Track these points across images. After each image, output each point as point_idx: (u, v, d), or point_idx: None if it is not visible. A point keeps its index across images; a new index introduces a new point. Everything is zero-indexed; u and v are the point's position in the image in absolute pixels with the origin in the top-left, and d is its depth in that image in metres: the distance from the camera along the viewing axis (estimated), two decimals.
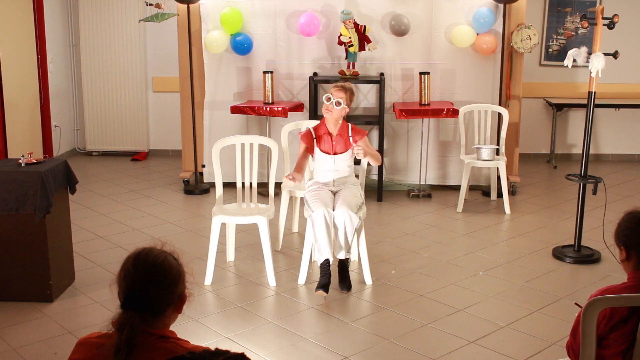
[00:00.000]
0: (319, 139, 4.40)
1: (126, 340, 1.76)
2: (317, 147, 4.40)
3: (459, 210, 6.03)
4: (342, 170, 4.41)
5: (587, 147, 4.79)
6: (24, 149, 6.15)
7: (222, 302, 4.14)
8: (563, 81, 8.03)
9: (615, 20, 4.50)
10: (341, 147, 4.38)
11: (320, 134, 4.41)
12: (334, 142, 4.38)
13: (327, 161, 4.39)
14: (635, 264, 2.35)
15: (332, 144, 4.38)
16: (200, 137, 6.85)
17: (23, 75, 6.88)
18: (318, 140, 4.40)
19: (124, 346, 1.76)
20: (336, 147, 4.38)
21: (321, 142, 4.40)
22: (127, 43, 8.16)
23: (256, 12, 6.57)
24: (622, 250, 2.38)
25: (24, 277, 4.03)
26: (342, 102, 4.31)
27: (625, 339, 2.26)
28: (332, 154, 4.38)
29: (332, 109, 4.32)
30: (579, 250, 4.88)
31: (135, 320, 1.80)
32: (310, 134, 4.42)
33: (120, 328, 1.78)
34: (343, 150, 4.38)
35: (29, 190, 3.89)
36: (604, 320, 2.25)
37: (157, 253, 1.91)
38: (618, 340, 2.26)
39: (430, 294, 4.23)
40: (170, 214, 5.97)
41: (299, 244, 5.06)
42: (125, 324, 1.78)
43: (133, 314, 1.81)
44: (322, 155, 4.40)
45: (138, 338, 1.79)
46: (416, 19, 6.43)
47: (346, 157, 4.40)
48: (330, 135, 4.39)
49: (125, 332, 1.77)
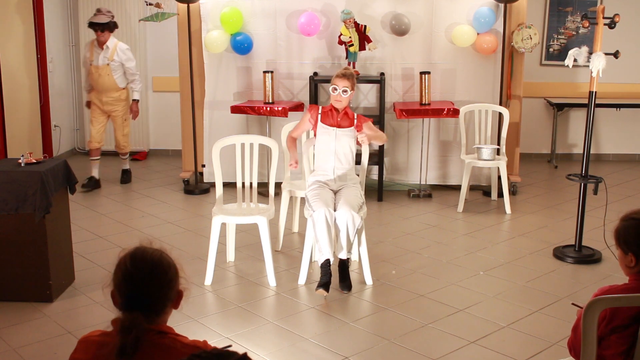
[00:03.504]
0: (324, 114, 4.49)
1: (133, 342, 1.76)
2: (322, 122, 4.47)
3: (459, 210, 6.02)
4: (343, 152, 4.42)
5: (588, 147, 4.78)
6: (23, 148, 6.14)
7: (222, 302, 4.14)
8: (564, 81, 8.02)
9: (616, 20, 4.49)
10: (345, 123, 4.47)
11: (326, 110, 4.51)
12: (339, 118, 4.47)
13: (329, 133, 4.43)
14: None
15: (337, 121, 4.47)
16: (200, 137, 6.84)
17: (23, 75, 6.87)
18: (323, 116, 4.49)
19: (130, 348, 1.76)
20: (341, 122, 4.47)
21: (326, 118, 4.48)
22: (127, 43, 8.10)
23: (256, 11, 6.56)
24: (631, 256, 2.32)
25: (24, 277, 4.02)
26: (348, 89, 4.41)
27: (626, 341, 2.25)
28: (336, 126, 4.43)
29: (341, 98, 4.43)
30: (580, 250, 4.87)
31: (141, 321, 1.80)
32: (316, 108, 4.53)
33: (126, 330, 1.77)
34: (347, 125, 4.46)
35: (29, 190, 3.89)
36: (604, 321, 2.24)
37: (153, 251, 1.91)
38: (619, 342, 2.26)
39: (430, 294, 4.22)
40: (170, 214, 5.97)
41: (299, 244, 5.05)
42: (132, 326, 1.78)
43: (138, 314, 1.81)
44: (324, 128, 4.43)
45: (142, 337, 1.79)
46: (417, 19, 6.42)
47: (349, 134, 4.43)
48: (337, 112, 4.49)
49: (132, 334, 1.76)
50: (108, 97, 6.64)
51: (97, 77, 6.54)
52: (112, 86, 6.60)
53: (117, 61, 6.52)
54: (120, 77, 6.62)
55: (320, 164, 4.47)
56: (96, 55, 6.53)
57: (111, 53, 6.51)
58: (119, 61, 6.53)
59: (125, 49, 6.60)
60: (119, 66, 6.56)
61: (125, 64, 6.58)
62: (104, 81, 6.55)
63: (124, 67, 6.59)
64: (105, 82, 6.56)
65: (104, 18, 6.42)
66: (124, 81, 6.68)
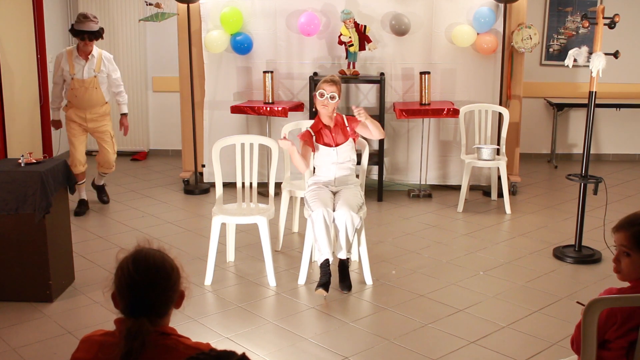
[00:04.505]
0: (318, 135, 4.45)
1: (139, 347, 1.76)
2: (318, 142, 4.44)
3: (459, 210, 6.02)
4: (345, 163, 4.44)
5: (588, 147, 4.78)
6: (23, 148, 6.13)
7: (222, 302, 4.14)
8: (564, 81, 8.02)
9: (616, 20, 4.49)
10: (341, 138, 4.45)
11: (318, 130, 4.46)
12: (333, 133, 4.44)
13: (329, 154, 4.43)
14: None
15: (332, 136, 4.44)
16: (200, 137, 6.84)
17: (23, 75, 6.87)
18: (318, 137, 4.45)
19: (135, 352, 1.76)
20: (337, 138, 4.44)
21: (321, 137, 4.45)
22: (127, 43, 8.15)
23: (256, 11, 6.56)
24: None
25: (24, 277, 4.02)
26: (336, 95, 4.39)
27: (627, 342, 2.24)
28: (335, 146, 4.42)
29: (328, 104, 4.40)
30: (580, 250, 4.87)
31: (147, 328, 1.80)
32: (309, 133, 4.45)
33: (133, 336, 1.77)
34: (344, 140, 4.45)
35: (29, 190, 3.89)
36: (615, 326, 2.21)
37: (155, 254, 1.90)
38: (620, 343, 2.25)
39: (430, 294, 4.22)
40: (170, 214, 5.97)
41: (299, 244, 5.05)
42: (138, 333, 1.78)
43: (145, 321, 1.81)
44: (324, 149, 4.43)
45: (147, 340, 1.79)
46: (416, 19, 6.42)
47: (348, 147, 4.44)
48: (329, 128, 4.44)
49: (138, 341, 1.76)
50: (93, 114, 5.85)
51: (83, 92, 5.73)
52: (99, 100, 5.84)
53: (104, 72, 5.83)
54: (107, 89, 5.94)
55: (322, 173, 4.48)
56: (79, 67, 5.73)
57: (97, 64, 5.78)
58: (105, 72, 5.85)
59: (110, 58, 5.95)
60: (105, 78, 5.86)
61: (112, 74, 5.90)
62: (91, 96, 5.77)
63: (109, 79, 5.91)
64: (92, 97, 5.79)
65: (94, 25, 5.68)
66: (109, 94, 6.01)
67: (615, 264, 2.37)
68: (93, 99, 5.80)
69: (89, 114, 5.84)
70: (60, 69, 5.76)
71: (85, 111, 5.82)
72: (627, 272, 2.33)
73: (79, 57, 5.74)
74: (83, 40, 5.65)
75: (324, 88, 4.41)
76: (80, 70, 5.73)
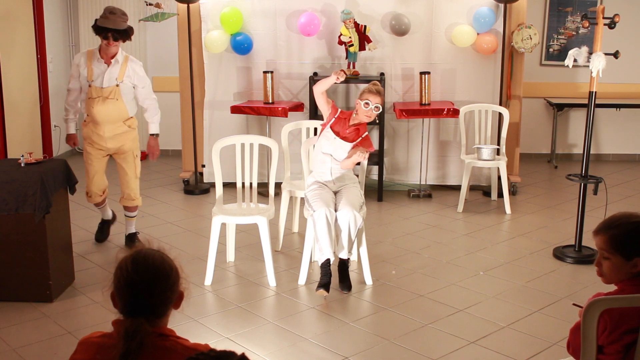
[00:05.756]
0: (337, 120, 4.43)
1: (137, 347, 1.77)
2: (331, 126, 4.42)
3: (459, 210, 6.02)
4: (341, 159, 4.41)
5: (588, 147, 4.78)
6: (23, 149, 6.14)
7: (222, 302, 4.14)
8: (564, 81, 8.02)
9: (616, 20, 4.49)
10: (348, 138, 4.41)
11: (342, 117, 4.45)
12: (348, 130, 4.41)
13: (328, 141, 4.40)
14: None
15: (345, 131, 4.41)
16: (200, 137, 6.84)
17: (23, 75, 6.87)
18: (335, 121, 4.43)
19: (133, 352, 1.76)
20: (346, 134, 4.41)
21: (337, 123, 4.43)
22: (127, 43, 8.10)
23: (256, 11, 6.56)
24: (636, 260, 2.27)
25: (24, 277, 4.02)
26: (380, 107, 4.37)
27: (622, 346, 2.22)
28: (340, 138, 4.39)
29: (372, 114, 4.39)
30: (580, 251, 4.87)
31: (145, 327, 1.80)
32: (336, 110, 4.44)
33: (130, 336, 1.77)
34: (348, 140, 4.40)
35: (29, 190, 3.89)
36: (606, 332, 2.19)
37: (154, 254, 1.90)
38: (615, 348, 2.23)
39: (430, 294, 4.22)
40: (170, 214, 5.97)
41: (299, 244, 5.05)
42: (136, 332, 1.78)
43: (143, 321, 1.81)
44: (329, 134, 4.41)
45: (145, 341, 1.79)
46: (416, 19, 6.42)
47: (347, 147, 4.41)
48: (348, 124, 4.42)
49: (136, 340, 1.77)
50: (114, 131, 4.81)
51: (100, 103, 4.72)
52: (120, 115, 4.80)
53: (128, 81, 4.82)
54: (131, 102, 4.90)
55: (318, 165, 4.47)
56: (98, 72, 4.74)
57: (121, 70, 4.78)
58: (130, 82, 4.83)
59: (139, 64, 4.92)
60: (130, 88, 4.85)
61: (138, 84, 4.88)
62: (109, 109, 4.74)
63: (135, 90, 4.90)
64: (111, 110, 4.75)
65: (122, 23, 4.71)
66: (135, 107, 4.95)
67: (597, 268, 2.37)
68: (113, 113, 4.76)
69: (107, 131, 4.80)
70: (77, 73, 4.83)
71: (103, 127, 4.79)
72: (609, 275, 2.33)
73: (101, 59, 4.75)
74: (106, 40, 4.66)
75: (369, 99, 4.34)
76: (100, 76, 4.74)
